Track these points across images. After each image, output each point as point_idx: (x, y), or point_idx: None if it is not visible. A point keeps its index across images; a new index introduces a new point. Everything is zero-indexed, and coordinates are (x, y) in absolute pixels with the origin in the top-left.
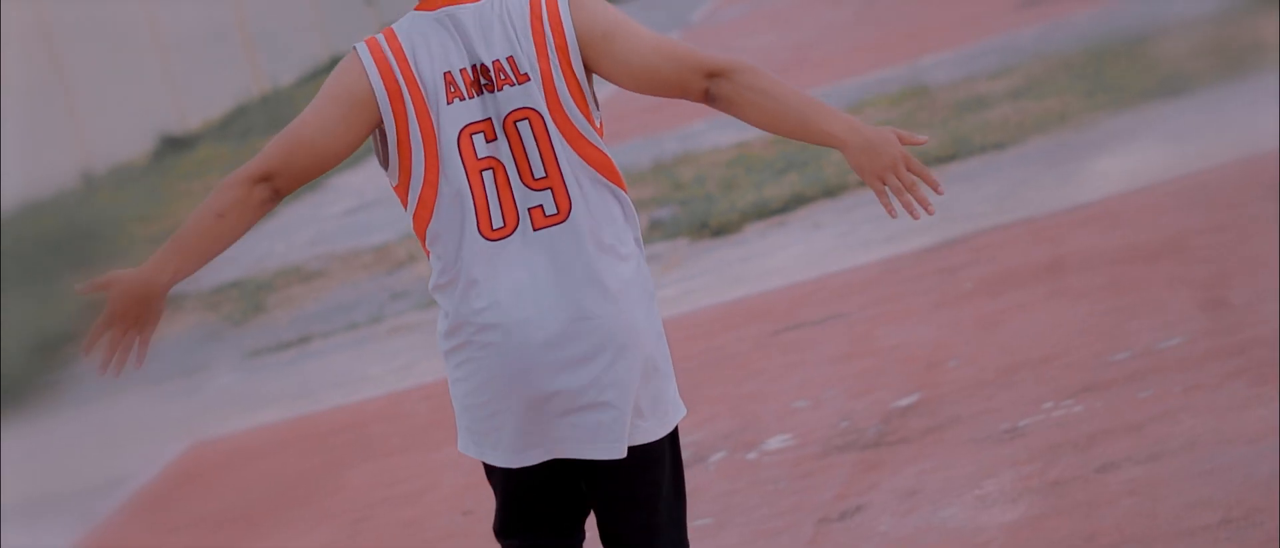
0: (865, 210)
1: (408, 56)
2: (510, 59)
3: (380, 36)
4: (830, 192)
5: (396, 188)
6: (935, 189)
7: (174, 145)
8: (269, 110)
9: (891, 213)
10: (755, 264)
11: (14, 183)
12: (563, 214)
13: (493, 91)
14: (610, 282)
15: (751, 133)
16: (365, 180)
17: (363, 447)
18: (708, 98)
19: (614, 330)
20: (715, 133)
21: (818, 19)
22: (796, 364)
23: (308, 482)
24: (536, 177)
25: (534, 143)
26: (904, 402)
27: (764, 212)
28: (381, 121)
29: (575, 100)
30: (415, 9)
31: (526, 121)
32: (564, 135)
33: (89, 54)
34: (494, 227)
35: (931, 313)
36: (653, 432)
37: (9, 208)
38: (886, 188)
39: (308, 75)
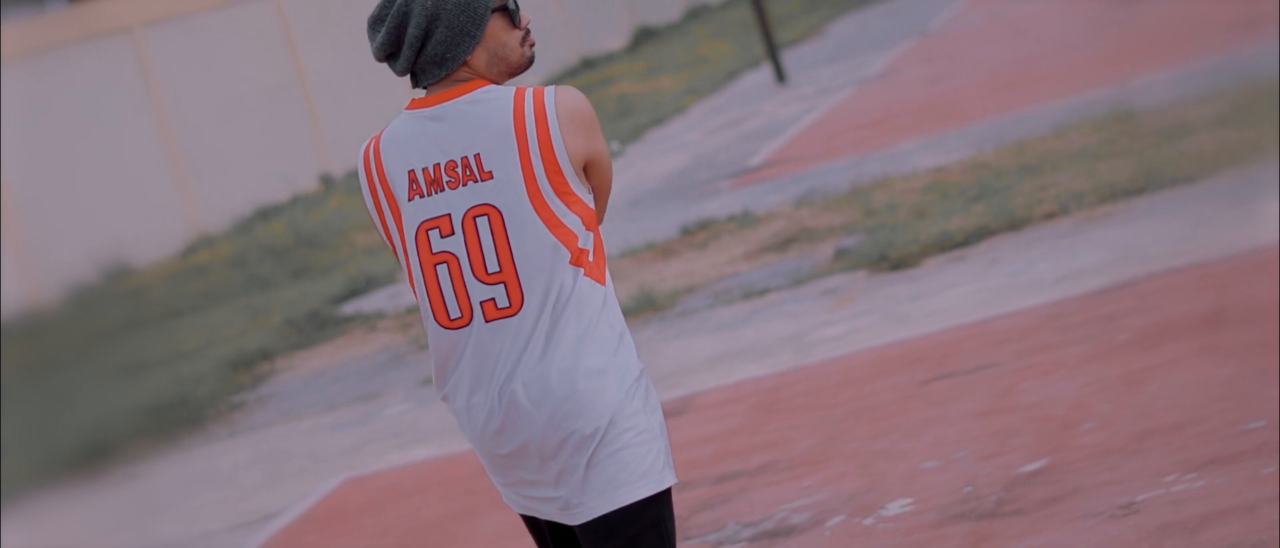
0: (1044, 246)
1: (382, 157)
2: (476, 157)
3: (376, 137)
4: (1014, 224)
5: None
6: None
7: None
8: None
9: None
10: (924, 303)
11: (255, 187)
12: (514, 307)
13: (455, 188)
14: (553, 376)
15: (951, 157)
16: None
17: (497, 493)
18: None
19: (547, 427)
20: (918, 155)
21: (1048, 31)
22: (935, 420)
23: (440, 528)
24: (490, 270)
25: (490, 238)
26: (1030, 467)
27: (945, 244)
28: None
29: (557, 191)
30: (407, 107)
31: (485, 217)
32: (540, 222)
33: (330, 60)
34: (450, 317)
35: (1080, 367)
36: (597, 508)
37: (247, 212)
38: None
39: (554, 77)
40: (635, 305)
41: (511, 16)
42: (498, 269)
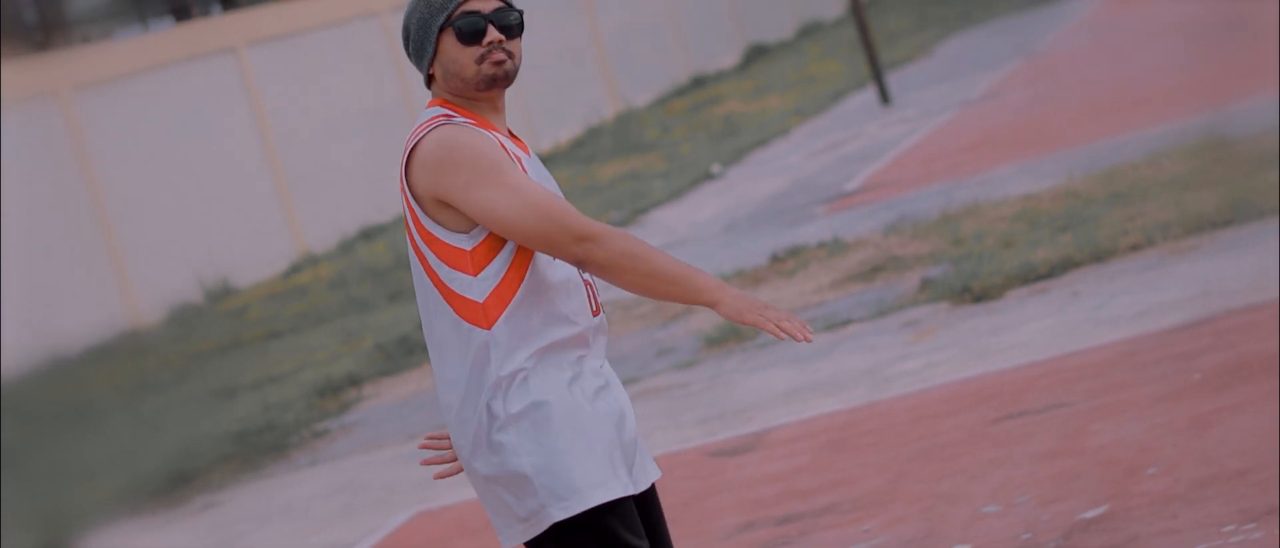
0: (1127, 279)
1: None
2: None
3: None
4: (1099, 256)
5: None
6: (796, 336)
7: None
8: (619, 133)
9: (780, 337)
10: (1003, 337)
11: (361, 206)
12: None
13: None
14: (448, 412)
15: (1043, 183)
16: (678, 216)
17: None
18: (579, 262)
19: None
20: (1012, 181)
21: (1153, 53)
22: (1002, 461)
23: None
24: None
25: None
26: (1090, 514)
27: (1028, 276)
28: None
29: (417, 228)
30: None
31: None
32: (423, 271)
33: None
34: None
35: (1150, 407)
36: (503, 538)
37: (352, 232)
38: (766, 320)
39: (664, 96)
40: (719, 334)
41: (461, 35)
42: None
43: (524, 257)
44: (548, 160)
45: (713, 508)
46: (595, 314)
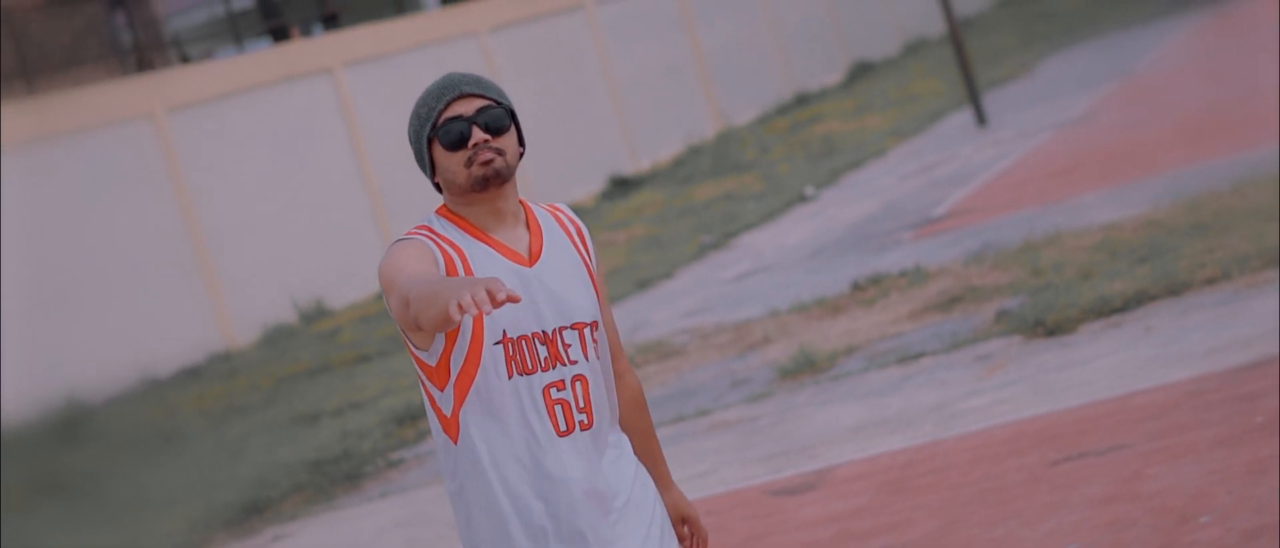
0: (1200, 313)
1: None
2: None
3: None
4: (1174, 289)
5: None
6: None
7: (622, 187)
8: (719, 152)
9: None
10: (1071, 374)
11: None
12: None
13: None
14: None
15: (1127, 212)
16: (768, 240)
17: None
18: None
19: None
20: (1096, 209)
21: (1250, 75)
22: (1057, 506)
23: None
24: None
25: None
26: None
27: (1103, 309)
28: None
29: (412, 355)
30: None
31: None
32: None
33: (533, 99)
34: None
35: (1209, 451)
36: None
37: None
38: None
39: (767, 114)
40: (794, 366)
41: (445, 143)
42: None
43: (469, 368)
44: (646, 181)
45: None
46: (562, 433)
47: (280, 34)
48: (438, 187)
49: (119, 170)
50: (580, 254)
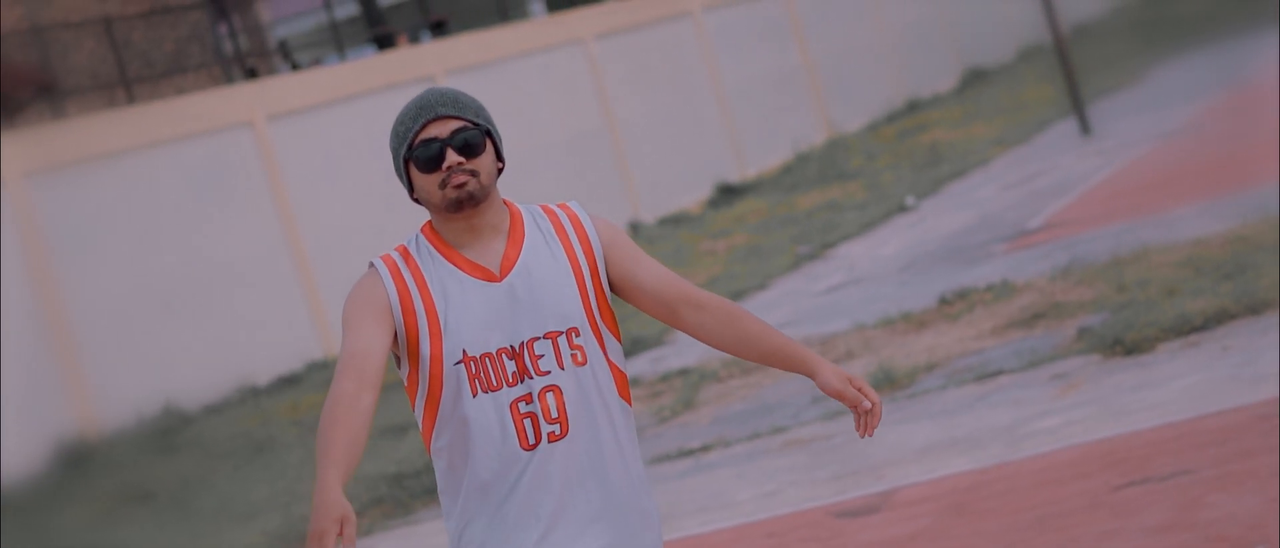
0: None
1: None
2: None
3: None
4: (1254, 308)
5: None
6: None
7: (728, 195)
8: (826, 160)
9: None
10: (1144, 395)
11: None
12: None
13: None
14: None
15: (1216, 226)
16: (864, 251)
17: None
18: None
19: None
20: (1187, 223)
21: None
22: (1114, 534)
23: None
24: None
25: None
26: None
27: (1183, 328)
28: None
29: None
30: None
31: None
32: None
33: (640, 106)
34: None
35: (1270, 478)
36: None
37: None
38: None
39: (877, 121)
40: (873, 383)
41: (420, 164)
42: None
43: (433, 389)
44: (753, 189)
45: None
46: (529, 447)
47: (385, 41)
48: (418, 202)
49: (219, 178)
50: (569, 253)
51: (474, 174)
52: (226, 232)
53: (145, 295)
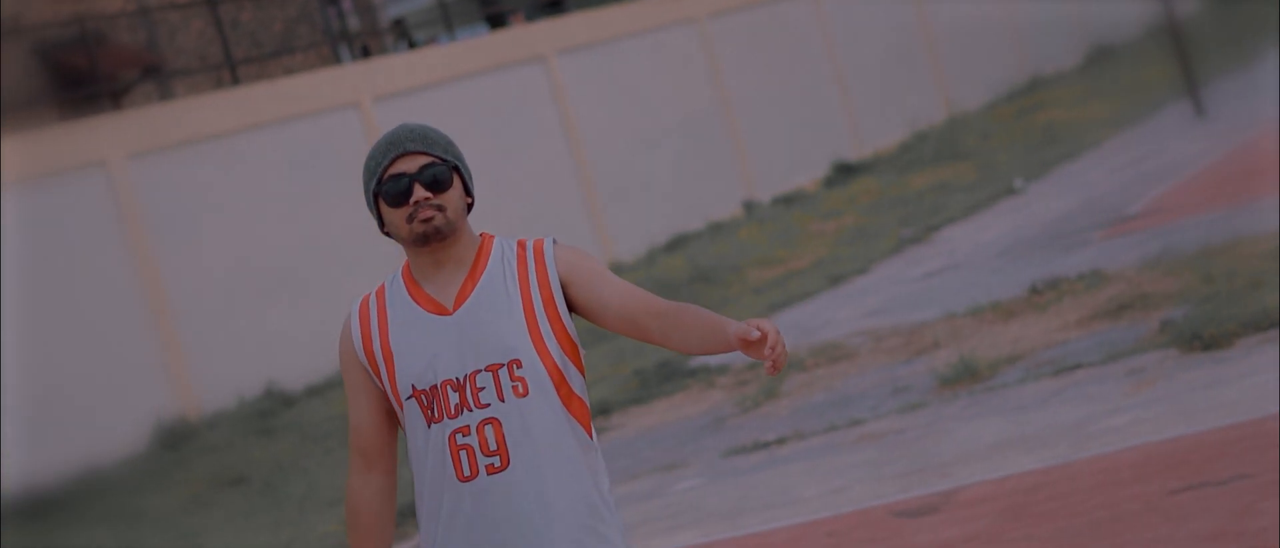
0: None
1: None
2: None
3: None
4: None
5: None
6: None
7: (845, 173)
8: (944, 138)
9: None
10: (1214, 393)
11: (673, 214)
12: None
13: None
14: None
15: None
16: (965, 236)
17: None
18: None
19: None
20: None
21: None
22: (1164, 541)
23: None
24: None
25: None
26: None
27: (1262, 323)
28: None
29: None
30: None
31: None
32: None
33: (754, 85)
34: None
35: None
36: None
37: (662, 240)
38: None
39: (999, 98)
40: (954, 375)
41: (388, 199)
42: None
43: (397, 421)
44: (869, 168)
45: None
46: (465, 478)
47: (497, 21)
48: (388, 236)
49: (324, 160)
50: (523, 286)
51: (441, 209)
52: (330, 213)
53: (248, 277)
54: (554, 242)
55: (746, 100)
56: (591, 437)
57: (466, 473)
